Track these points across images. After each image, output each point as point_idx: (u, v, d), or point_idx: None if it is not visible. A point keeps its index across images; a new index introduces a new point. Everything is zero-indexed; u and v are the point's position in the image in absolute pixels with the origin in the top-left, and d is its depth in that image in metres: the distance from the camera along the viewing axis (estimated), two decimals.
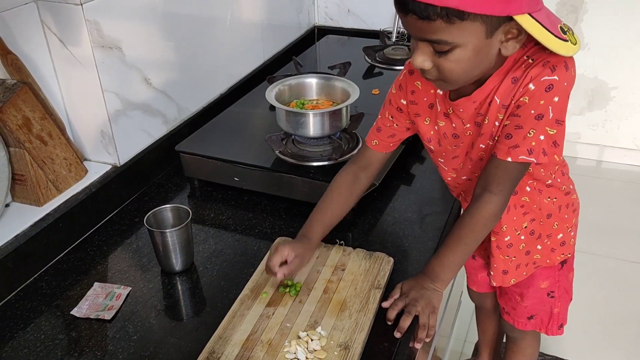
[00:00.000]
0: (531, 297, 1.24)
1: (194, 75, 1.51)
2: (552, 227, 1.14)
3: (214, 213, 1.27)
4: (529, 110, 0.90)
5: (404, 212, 1.24)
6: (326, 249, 1.10)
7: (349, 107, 1.27)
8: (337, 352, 0.88)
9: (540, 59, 0.89)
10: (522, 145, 0.92)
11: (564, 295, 1.26)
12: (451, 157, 1.08)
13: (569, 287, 1.27)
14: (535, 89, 0.89)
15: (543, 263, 1.19)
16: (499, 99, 0.93)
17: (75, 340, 0.96)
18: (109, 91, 1.23)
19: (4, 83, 1.11)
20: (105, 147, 1.28)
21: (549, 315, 1.28)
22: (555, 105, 0.89)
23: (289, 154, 1.27)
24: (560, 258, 1.19)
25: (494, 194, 0.96)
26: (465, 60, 0.86)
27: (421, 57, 0.87)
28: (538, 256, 1.17)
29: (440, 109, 1.02)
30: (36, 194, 1.14)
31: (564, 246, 1.17)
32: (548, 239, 1.15)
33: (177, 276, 1.09)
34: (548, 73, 0.88)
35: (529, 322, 1.30)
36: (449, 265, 1.00)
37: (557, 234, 1.15)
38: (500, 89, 0.93)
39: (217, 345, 0.90)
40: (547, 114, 0.90)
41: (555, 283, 1.23)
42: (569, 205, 1.14)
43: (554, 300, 1.25)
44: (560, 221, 1.13)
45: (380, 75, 1.71)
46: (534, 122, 0.90)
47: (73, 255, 1.15)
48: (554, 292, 1.24)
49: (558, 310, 1.27)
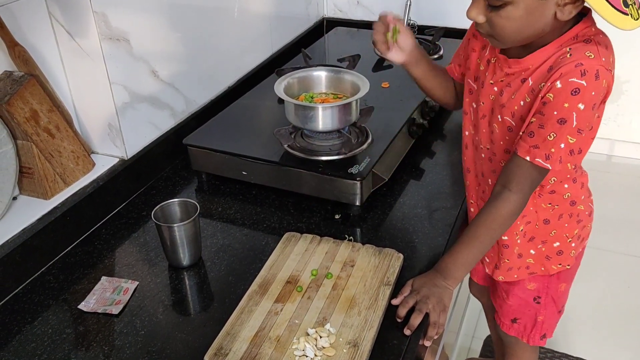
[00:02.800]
0: (516, 296, 1.22)
1: (202, 68, 1.50)
2: (549, 234, 1.11)
3: (222, 207, 1.26)
4: (553, 110, 0.89)
5: (413, 208, 1.23)
6: (335, 244, 1.09)
7: (358, 101, 1.25)
8: (346, 350, 0.87)
9: (576, 57, 0.87)
10: (542, 147, 0.91)
11: (551, 305, 1.22)
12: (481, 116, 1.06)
13: (557, 298, 1.22)
14: (561, 88, 0.87)
15: (537, 270, 1.16)
16: (532, 81, 0.93)
17: (83, 335, 0.96)
18: (117, 83, 1.22)
19: (12, 75, 1.10)
20: (112, 140, 1.27)
21: (532, 322, 1.24)
22: (579, 113, 0.87)
23: (297, 148, 1.25)
24: (556, 268, 1.16)
25: (512, 192, 0.95)
26: (517, 18, 0.86)
27: (475, 11, 0.90)
28: (531, 260, 1.15)
29: (488, 53, 1.03)
30: (43, 187, 1.13)
31: (560, 255, 1.14)
32: (543, 245, 1.12)
33: (184, 271, 1.08)
34: (577, 76, 0.86)
35: (512, 325, 1.27)
36: (462, 263, 0.98)
37: (554, 242, 1.12)
38: (536, 72, 0.92)
39: (225, 341, 0.89)
40: (571, 121, 0.88)
41: (543, 288, 1.20)
42: (572, 215, 1.10)
43: (539, 307, 1.22)
44: (559, 229, 1.10)
45: (390, 68, 1.68)
46: (556, 126, 0.89)
47: (80, 248, 1.15)
48: (541, 298, 1.20)
49: (542, 318, 1.23)
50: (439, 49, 1.75)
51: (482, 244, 1.00)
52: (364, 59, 1.66)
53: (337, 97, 1.31)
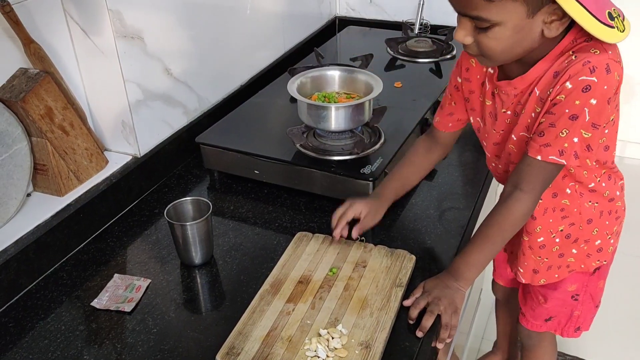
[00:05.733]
0: (555, 299, 1.22)
1: (215, 66, 1.50)
2: (592, 232, 1.11)
3: (234, 206, 1.26)
4: (564, 109, 0.88)
5: (425, 209, 1.22)
6: (347, 245, 1.09)
7: (371, 101, 1.25)
8: (358, 351, 0.87)
9: (582, 57, 0.86)
10: (554, 145, 0.90)
11: (589, 301, 1.23)
12: (492, 143, 1.06)
13: (596, 294, 1.23)
14: (572, 87, 0.87)
15: (577, 268, 1.16)
16: (539, 90, 0.92)
17: (95, 332, 0.96)
18: (130, 81, 1.22)
19: (27, 72, 1.10)
20: (125, 137, 1.28)
21: (567, 317, 1.25)
22: (592, 108, 0.87)
23: (310, 148, 1.25)
24: (595, 264, 1.16)
25: (524, 192, 0.94)
26: (505, 38, 0.85)
27: (462, 32, 0.88)
28: (572, 259, 1.15)
29: (489, 87, 1.02)
30: (57, 184, 1.14)
31: (600, 252, 1.14)
32: (585, 244, 1.12)
33: (196, 269, 1.08)
34: (587, 73, 0.85)
35: (545, 324, 1.27)
36: (474, 264, 0.98)
37: (596, 240, 1.12)
38: (541, 81, 0.91)
39: (237, 340, 0.89)
40: (583, 116, 0.87)
41: (583, 287, 1.20)
42: (611, 212, 1.10)
43: (576, 303, 1.22)
44: (601, 227, 1.10)
45: (402, 68, 1.68)
46: (568, 123, 0.88)
47: (93, 245, 1.15)
48: (580, 295, 1.21)
49: (579, 313, 1.24)
50: (452, 48, 1.74)
51: (494, 245, 0.99)
52: (376, 58, 1.66)
53: (350, 96, 1.31)
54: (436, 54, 1.71)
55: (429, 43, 1.77)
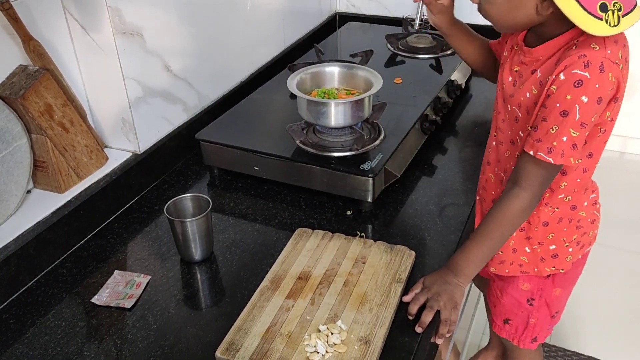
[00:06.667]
0: (510, 295, 1.21)
1: (215, 63, 1.50)
2: (547, 236, 1.09)
3: (234, 202, 1.26)
4: (555, 103, 0.88)
5: (425, 205, 1.22)
6: (347, 241, 1.09)
7: (371, 97, 1.25)
8: (357, 347, 0.87)
9: (580, 49, 0.87)
10: (544, 141, 0.90)
11: (544, 308, 1.21)
12: (495, 101, 1.08)
13: (551, 302, 1.20)
14: (564, 79, 0.87)
15: (530, 270, 1.15)
16: (541, 73, 0.93)
17: (96, 328, 0.97)
18: (130, 78, 1.22)
19: (26, 69, 1.10)
20: (125, 134, 1.28)
21: (524, 325, 1.23)
22: (582, 106, 0.86)
23: (309, 144, 1.25)
24: (549, 270, 1.14)
25: (522, 188, 0.94)
26: (499, 4, 0.92)
27: None
28: (525, 259, 1.14)
29: (510, 40, 1.05)
30: (57, 181, 1.14)
31: (555, 259, 1.12)
32: (539, 246, 1.11)
33: (196, 266, 1.09)
34: (580, 67, 0.85)
35: (504, 327, 1.26)
36: (474, 260, 0.98)
37: (550, 245, 1.11)
38: (545, 64, 0.93)
39: (237, 336, 0.89)
40: (573, 114, 0.87)
41: (537, 291, 1.18)
42: (572, 220, 1.08)
43: (532, 309, 1.21)
44: (557, 233, 1.09)
45: (402, 64, 1.68)
46: (559, 119, 0.88)
47: (93, 242, 1.16)
48: (535, 300, 1.19)
49: (535, 321, 1.22)
50: None
51: (493, 241, 0.99)
52: (376, 54, 1.65)
53: (350, 92, 1.31)
54: (436, 50, 1.70)
55: (429, 39, 1.76)
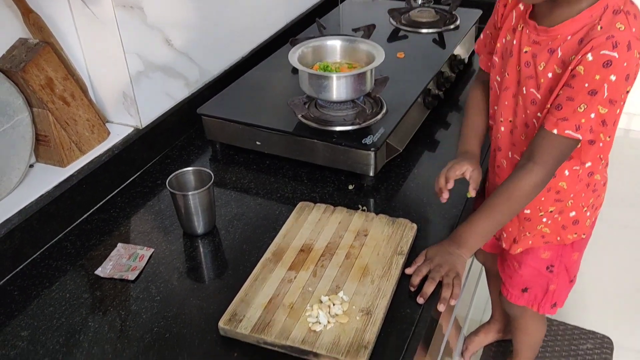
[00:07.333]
0: (529, 266, 1.22)
1: (216, 38, 1.49)
2: (566, 204, 1.10)
3: (236, 177, 1.26)
4: (583, 83, 0.88)
5: (427, 179, 1.22)
6: (349, 214, 1.09)
7: (373, 71, 1.24)
8: (359, 317, 0.88)
9: (606, 30, 0.86)
10: (571, 119, 0.90)
11: (564, 274, 1.22)
12: (504, 88, 1.06)
13: (570, 267, 1.22)
14: (592, 60, 0.87)
15: (553, 240, 1.16)
16: (562, 52, 0.92)
17: (100, 300, 0.97)
18: (131, 52, 1.22)
19: (27, 43, 1.10)
20: (127, 108, 1.27)
21: (544, 291, 1.24)
22: (611, 85, 0.87)
23: (311, 118, 1.25)
24: (572, 237, 1.15)
25: (537, 164, 0.94)
26: None
27: None
28: (547, 230, 1.15)
29: (514, 23, 1.02)
30: (60, 155, 1.14)
31: (576, 225, 1.14)
32: (559, 214, 1.12)
33: (199, 239, 1.09)
34: (609, 48, 0.85)
35: (522, 295, 1.27)
36: (480, 232, 0.98)
37: (570, 212, 1.12)
38: (566, 43, 0.91)
39: (239, 307, 0.90)
40: (602, 92, 0.87)
41: (557, 257, 1.19)
42: (589, 184, 1.10)
43: (551, 276, 1.22)
44: (575, 199, 1.10)
45: (405, 39, 1.66)
46: (587, 97, 0.88)
47: (96, 216, 1.16)
48: (554, 266, 1.20)
49: (555, 287, 1.23)
50: (455, 18, 1.72)
51: (502, 215, 0.99)
52: (379, 29, 1.64)
53: (352, 66, 1.30)
54: (439, 25, 1.69)
55: (432, 13, 1.74)
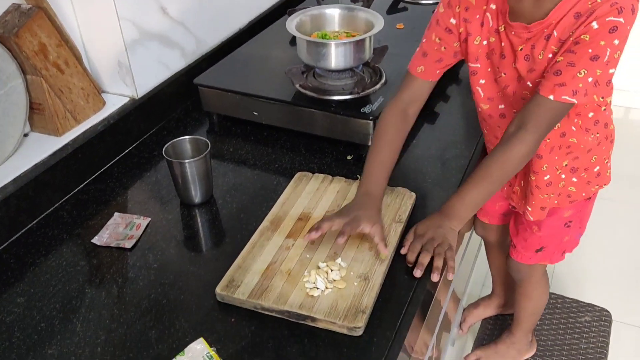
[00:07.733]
0: (548, 227, 1.22)
1: (213, 8, 1.46)
2: (590, 160, 1.12)
3: (233, 148, 1.25)
4: (587, 49, 0.87)
5: (426, 150, 1.21)
6: (347, 184, 1.08)
7: (372, 39, 1.22)
8: (356, 283, 0.88)
9: None
10: (569, 84, 0.89)
11: (578, 226, 1.25)
12: (493, 79, 1.04)
13: (584, 218, 1.25)
14: (598, 28, 0.86)
15: (579, 197, 1.17)
16: (558, 32, 0.90)
17: (97, 267, 0.97)
18: (125, 19, 1.19)
19: (19, 8, 1.08)
20: (122, 78, 1.26)
21: (557, 246, 1.27)
22: (613, 48, 0.87)
23: (309, 88, 1.23)
24: (594, 190, 1.17)
25: (529, 132, 0.93)
26: None
27: None
28: (573, 189, 1.15)
29: (492, 24, 0.98)
30: (54, 124, 1.13)
31: (599, 177, 1.15)
32: (585, 172, 1.13)
33: (196, 208, 1.08)
34: (614, 14, 0.85)
35: (534, 255, 1.28)
36: (470, 203, 0.97)
37: (594, 167, 1.13)
38: (561, 23, 0.90)
39: (237, 274, 0.90)
40: (604, 56, 0.87)
41: (577, 213, 1.21)
42: (607, 136, 1.11)
43: (568, 230, 1.24)
44: (599, 154, 1.12)
45: (405, 11, 1.64)
46: (588, 63, 0.87)
47: (93, 186, 1.15)
48: (572, 222, 1.22)
49: (568, 238, 1.26)
50: None
51: (492, 185, 0.98)
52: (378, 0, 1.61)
53: (351, 35, 1.28)
54: None
55: None
